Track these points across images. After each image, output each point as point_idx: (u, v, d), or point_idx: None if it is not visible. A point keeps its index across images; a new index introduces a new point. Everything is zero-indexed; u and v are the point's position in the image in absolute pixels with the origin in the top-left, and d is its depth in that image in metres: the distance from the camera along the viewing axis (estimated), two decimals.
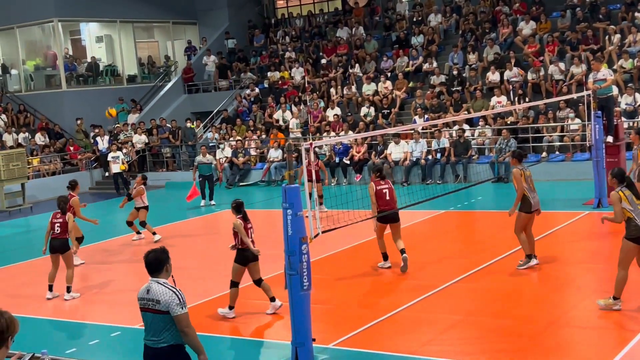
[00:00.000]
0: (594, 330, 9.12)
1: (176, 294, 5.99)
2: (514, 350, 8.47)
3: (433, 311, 10.09)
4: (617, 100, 20.02)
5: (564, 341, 8.78)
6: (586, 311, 9.78)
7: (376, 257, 13.47)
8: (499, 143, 21.33)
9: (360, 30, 29.86)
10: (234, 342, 9.69)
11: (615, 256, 12.36)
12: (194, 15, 34.56)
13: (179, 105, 31.17)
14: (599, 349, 8.41)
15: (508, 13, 26.63)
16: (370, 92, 26.05)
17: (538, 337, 8.75)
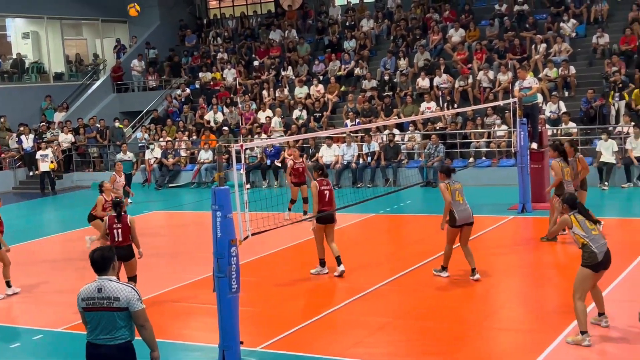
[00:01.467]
0: (517, 333, 9.32)
1: (134, 289, 6.08)
2: (439, 352, 8.59)
3: (361, 313, 10.15)
4: (542, 108, 20.55)
5: (489, 343, 8.95)
6: (511, 313, 10.01)
7: (306, 258, 13.47)
8: (428, 148, 21.66)
9: (293, 33, 29.89)
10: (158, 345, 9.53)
11: (538, 259, 12.76)
12: (124, 14, 33.88)
13: (108, 105, 30.57)
14: (523, 351, 8.60)
15: (438, 20, 27.07)
16: (303, 95, 26.10)
17: (463, 338, 8.90)
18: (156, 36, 32.69)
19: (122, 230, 10.46)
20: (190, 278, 12.32)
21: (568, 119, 20.73)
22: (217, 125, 26.20)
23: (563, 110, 21.16)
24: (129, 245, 10.54)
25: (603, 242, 8.36)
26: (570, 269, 11.17)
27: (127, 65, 31.42)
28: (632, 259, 11.67)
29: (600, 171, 19.03)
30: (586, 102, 20.98)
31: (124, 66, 31.35)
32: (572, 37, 24.01)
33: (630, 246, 12.65)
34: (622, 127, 19.97)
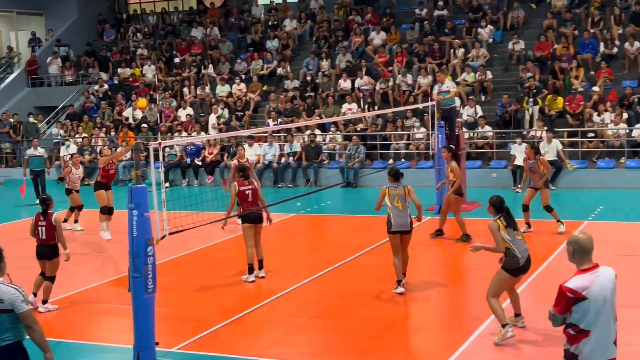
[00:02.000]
0: (432, 332, 9.49)
1: (18, 290, 5.93)
2: (356, 351, 8.66)
3: (280, 314, 10.15)
4: (459, 112, 21.01)
5: (404, 342, 9.08)
6: (427, 313, 10.17)
7: (226, 258, 13.42)
8: (349, 149, 21.84)
9: (215, 31, 29.66)
10: (72, 346, 9.31)
11: (456, 257, 13.03)
12: (40, 6, 32.98)
13: (22, 99, 29.66)
14: (437, 349, 8.75)
15: (360, 23, 27.33)
16: (224, 93, 25.93)
17: (380, 338, 9.00)
18: (73, 30, 31.89)
19: (47, 228, 10.18)
20: (104, 278, 12.07)
21: (484, 123, 21.25)
22: (136, 122, 25.75)
23: (479, 114, 21.67)
24: (53, 244, 10.26)
25: (525, 248, 8.54)
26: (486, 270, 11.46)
27: (42, 59, 30.54)
28: (544, 259, 12.02)
29: (514, 174, 19.56)
30: (501, 106, 21.54)
31: (39, 60, 30.45)
32: (489, 43, 24.62)
33: (543, 247, 13.03)
34: (536, 131, 20.58)
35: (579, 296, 5.22)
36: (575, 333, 5.31)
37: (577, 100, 20.99)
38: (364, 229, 15.59)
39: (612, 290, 5.37)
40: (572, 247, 5.36)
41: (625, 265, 11.67)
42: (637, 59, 22.05)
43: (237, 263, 12.71)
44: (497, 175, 20.16)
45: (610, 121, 20.05)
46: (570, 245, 5.37)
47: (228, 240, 14.71)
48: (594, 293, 5.23)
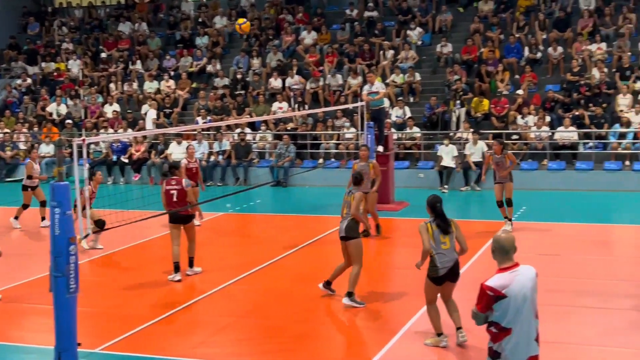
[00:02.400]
0: (358, 330, 9.57)
1: None
2: (281, 350, 8.67)
3: (206, 313, 10.09)
4: (389, 113, 21.24)
5: (330, 341, 9.12)
6: (354, 312, 10.23)
7: (152, 257, 13.26)
8: (279, 148, 21.84)
9: (144, 27, 29.21)
10: None
11: (381, 259, 13.17)
12: None
13: None
14: (362, 347, 8.83)
15: (291, 22, 27.34)
16: (152, 90, 25.57)
17: (305, 337, 9.03)
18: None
19: None
20: (25, 277, 11.75)
21: (412, 124, 21.54)
22: (60, 117, 25.17)
23: (408, 115, 21.96)
24: None
25: (450, 259, 8.28)
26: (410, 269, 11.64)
27: None
28: (468, 259, 12.25)
29: (440, 175, 19.90)
30: (429, 108, 21.88)
31: None
32: (418, 45, 24.95)
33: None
34: (462, 133, 20.97)
35: (498, 294, 5.32)
36: (497, 331, 5.41)
37: (502, 103, 21.49)
38: (292, 228, 15.63)
39: (532, 288, 5.47)
40: (493, 245, 5.50)
41: (545, 265, 12.01)
42: (559, 64, 22.70)
43: (165, 262, 12.56)
44: (424, 176, 20.46)
45: (533, 124, 20.58)
46: (492, 244, 5.51)
47: (155, 239, 14.54)
48: (514, 291, 5.34)
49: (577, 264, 12.12)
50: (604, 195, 18.28)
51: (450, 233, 8.40)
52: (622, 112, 20.25)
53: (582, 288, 10.60)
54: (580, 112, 20.43)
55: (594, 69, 21.70)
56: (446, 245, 8.30)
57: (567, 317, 9.28)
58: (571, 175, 19.47)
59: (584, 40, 22.85)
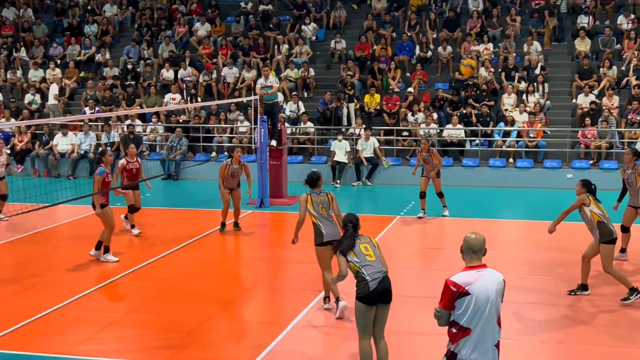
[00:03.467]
0: (249, 325, 9.53)
1: None
2: (169, 346, 8.52)
3: (90, 309, 9.80)
4: (282, 107, 21.26)
5: (218, 336, 9.03)
6: (242, 306, 10.19)
7: (34, 252, 12.79)
8: (171, 140, 21.48)
9: (29, 13, 28.12)
10: None
11: (274, 254, 13.18)
12: None
13: None
14: (253, 342, 8.79)
15: (185, 12, 26.93)
16: (37, 78, 24.63)
17: (193, 333, 8.91)
18: None
19: None
20: None
21: (307, 119, 21.65)
22: None
23: (302, 110, 22.04)
24: None
25: (379, 269, 7.20)
26: (304, 263, 11.71)
27: None
28: None
29: (333, 169, 20.08)
30: (323, 103, 22.02)
31: None
32: (312, 41, 25.08)
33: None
34: (355, 129, 21.23)
35: (462, 290, 5.28)
36: (456, 331, 5.33)
37: (393, 100, 21.88)
38: (184, 222, 15.41)
39: (497, 292, 5.39)
40: (463, 245, 5.51)
41: (432, 258, 12.32)
42: (449, 63, 23.32)
43: (46, 257, 12.17)
44: (317, 171, 20.53)
45: (422, 121, 21.06)
46: (462, 244, 5.51)
47: (40, 232, 14.05)
48: (477, 289, 5.29)
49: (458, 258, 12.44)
50: (488, 192, 18.91)
51: (373, 248, 7.39)
52: (507, 111, 21.01)
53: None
54: (468, 111, 21.06)
55: (481, 68, 22.41)
56: (371, 257, 7.27)
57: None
58: (458, 172, 20.01)
59: (472, 41, 23.57)
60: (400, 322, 9.00)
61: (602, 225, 9.80)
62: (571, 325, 9.22)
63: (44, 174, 21.45)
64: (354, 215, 7.72)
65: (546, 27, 23.73)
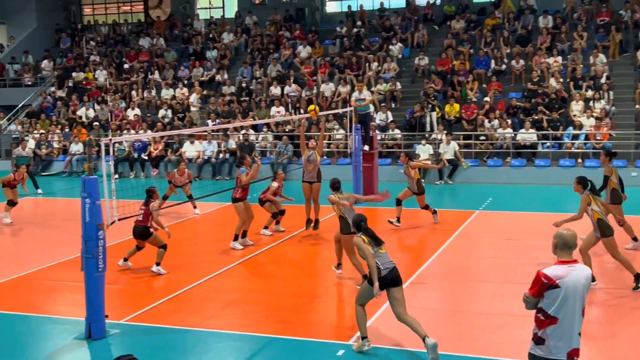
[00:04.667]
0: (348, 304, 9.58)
1: None
2: (280, 322, 8.67)
3: (216, 290, 10.08)
4: (373, 117, 21.25)
5: (320, 315, 9.13)
6: (342, 290, 10.25)
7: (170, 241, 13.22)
8: (279, 147, 21.82)
9: (161, 41, 29.13)
10: (30, 318, 9.03)
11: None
12: (3, 16, 31.75)
13: None
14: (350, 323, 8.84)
15: (289, 38, 27.29)
16: (168, 96, 25.51)
17: (301, 311, 9.04)
18: (33, 38, 30.83)
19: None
20: (60, 258, 11.75)
21: (394, 126, 21.56)
22: (89, 120, 25.10)
23: (390, 119, 21.96)
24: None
25: (389, 261, 7.41)
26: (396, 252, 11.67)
27: (4, 63, 29.39)
28: (441, 244, 12.31)
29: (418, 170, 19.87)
30: (411, 112, 21.87)
31: (3, 63, 29.32)
32: (398, 58, 24.95)
33: (439, 234, 13.33)
34: (437, 134, 20.99)
35: (552, 283, 5.03)
36: (543, 318, 5.09)
37: (471, 109, 21.51)
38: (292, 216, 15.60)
39: (585, 286, 5.11)
40: (555, 240, 5.19)
41: (509, 248, 12.10)
42: (521, 75, 22.73)
43: (180, 245, 12.58)
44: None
45: (498, 126, 20.62)
46: (555, 239, 5.20)
47: (173, 225, 14.54)
48: (567, 283, 5.03)
49: (533, 248, 12.16)
50: (559, 189, 18.35)
51: (381, 242, 7.53)
52: (575, 117, 20.31)
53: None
54: (539, 117, 20.48)
55: (551, 79, 21.75)
56: (382, 250, 7.49)
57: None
58: (531, 171, 19.52)
59: (542, 54, 22.89)
60: (477, 304, 8.88)
61: (601, 222, 9.35)
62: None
63: None
64: (362, 215, 7.85)
65: (612, 41, 22.79)
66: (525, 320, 6.45)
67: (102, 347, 7.89)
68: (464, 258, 11.57)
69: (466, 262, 11.38)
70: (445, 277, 10.43)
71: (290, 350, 7.81)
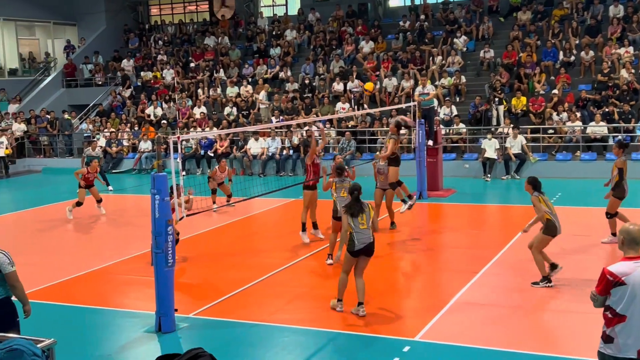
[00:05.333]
0: (413, 301, 9.51)
1: (5, 255, 6.12)
2: (343, 317, 8.67)
3: (281, 285, 10.17)
4: (437, 111, 20.98)
5: (387, 311, 9.10)
6: (409, 284, 10.18)
7: (236, 237, 13.42)
8: (342, 143, 21.84)
9: (226, 40, 29.54)
10: (102, 311, 9.34)
11: (432, 239, 13.05)
12: (74, 18, 32.86)
13: (57, 98, 29.52)
14: (415, 316, 8.78)
15: (352, 33, 27.24)
16: (233, 94, 25.86)
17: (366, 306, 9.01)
18: (102, 39, 31.76)
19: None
20: (131, 253, 12.09)
21: (459, 121, 21.25)
22: (157, 118, 25.71)
23: (455, 113, 21.65)
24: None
25: (367, 236, 8.32)
26: (459, 248, 11.55)
27: (75, 63, 30.44)
28: (508, 240, 12.07)
29: (484, 165, 19.59)
30: (474, 106, 21.53)
31: (75, 63, 30.36)
32: (463, 51, 24.57)
33: (506, 229, 13.07)
34: (503, 128, 20.59)
35: (617, 280, 4.87)
36: (611, 316, 4.94)
37: (539, 102, 20.99)
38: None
39: None
40: (622, 236, 5.01)
41: (578, 244, 11.76)
42: (591, 66, 22.02)
43: (246, 241, 12.75)
44: (469, 166, 20.19)
45: (567, 120, 20.06)
46: (621, 235, 5.02)
47: (238, 221, 14.75)
48: (633, 280, 4.85)
49: (602, 245, 11.78)
50: (631, 183, 17.67)
51: (363, 217, 8.35)
52: None
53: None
54: (610, 109, 19.81)
55: (622, 70, 20.99)
56: (363, 226, 8.36)
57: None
58: (602, 165, 18.86)
59: (613, 45, 22.11)
60: (544, 301, 8.66)
61: (550, 223, 9.33)
62: None
63: (240, 173, 22.52)
64: (358, 184, 8.66)
65: None
66: (594, 318, 6.27)
67: (172, 340, 8.08)
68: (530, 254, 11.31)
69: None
70: (512, 274, 10.23)
71: (355, 346, 7.82)
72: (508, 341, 7.69)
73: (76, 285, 10.41)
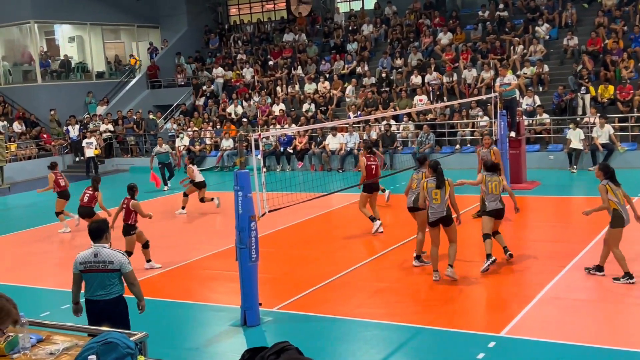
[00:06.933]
0: (499, 295, 9.32)
1: (125, 255, 6.45)
2: (426, 311, 8.62)
3: (363, 279, 10.18)
4: (520, 102, 20.45)
5: (472, 305, 8.95)
6: (493, 278, 9.98)
7: (316, 232, 13.53)
8: (420, 136, 21.61)
9: (303, 37, 29.75)
10: (189, 305, 9.61)
11: (516, 232, 12.72)
12: (157, 20, 33.90)
13: (143, 99, 30.55)
14: (503, 310, 8.60)
15: (429, 25, 26.89)
16: (311, 90, 26.03)
17: (450, 301, 8.92)
18: (184, 40, 32.63)
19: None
20: (215, 249, 12.38)
21: (542, 111, 20.64)
22: (238, 117, 26.17)
23: (538, 103, 21.05)
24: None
25: (440, 211, 9.35)
26: (545, 242, 11.22)
27: (159, 65, 31.40)
28: (595, 234, 11.64)
29: (569, 156, 18.96)
30: (557, 96, 20.86)
31: (158, 65, 31.33)
32: (545, 40, 23.83)
33: (595, 221, 12.59)
34: (589, 117, 19.86)
35: None
36: None
37: (627, 89, 20.12)
38: None
39: None
40: None
41: None
42: None
43: (327, 236, 12.82)
44: (554, 158, 19.58)
45: None
46: None
47: (318, 216, 14.85)
48: None
49: None
50: None
51: (442, 189, 9.29)
52: None
53: None
54: None
55: None
56: (437, 200, 9.31)
57: None
58: None
59: None
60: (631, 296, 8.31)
61: (616, 212, 8.97)
62: None
63: (319, 168, 22.65)
64: (437, 161, 9.67)
65: None
66: None
67: (257, 333, 8.23)
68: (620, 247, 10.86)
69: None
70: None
71: (438, 341, 7.74)
72: (595, 337, 7.43)
73: (165, 280, 10.74)
